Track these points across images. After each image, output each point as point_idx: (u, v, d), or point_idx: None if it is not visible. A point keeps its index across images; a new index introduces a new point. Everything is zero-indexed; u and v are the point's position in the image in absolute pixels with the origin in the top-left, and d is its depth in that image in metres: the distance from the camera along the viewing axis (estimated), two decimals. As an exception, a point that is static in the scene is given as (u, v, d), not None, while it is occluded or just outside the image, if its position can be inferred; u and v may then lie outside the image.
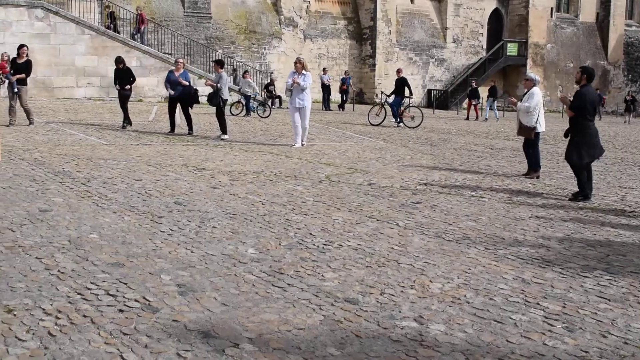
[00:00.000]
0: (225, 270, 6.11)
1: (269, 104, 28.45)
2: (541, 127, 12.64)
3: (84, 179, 10.05)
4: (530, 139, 12.64)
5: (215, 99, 16.92)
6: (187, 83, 17.31)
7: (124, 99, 17.87)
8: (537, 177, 12.63)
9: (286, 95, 16.32)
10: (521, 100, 12.80)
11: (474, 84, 34.57)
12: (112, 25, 29.17)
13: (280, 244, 7.08)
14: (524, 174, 12.91)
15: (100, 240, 6.89)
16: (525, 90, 12.79)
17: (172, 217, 7.99)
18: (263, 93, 31.42)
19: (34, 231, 7.09)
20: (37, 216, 7.72)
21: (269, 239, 7.27)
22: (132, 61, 28.02)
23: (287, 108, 30.40)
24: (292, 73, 15.79)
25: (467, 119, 31.72)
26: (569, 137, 10.67)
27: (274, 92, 31.74)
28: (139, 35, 29.74)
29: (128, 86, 17.92)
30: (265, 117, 25.19)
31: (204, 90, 20.09)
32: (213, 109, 17.47)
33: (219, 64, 17.68)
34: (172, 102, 17.52)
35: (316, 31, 40.23)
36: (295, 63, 15.75)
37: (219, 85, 16.95)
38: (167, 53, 30.82)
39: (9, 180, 9.70)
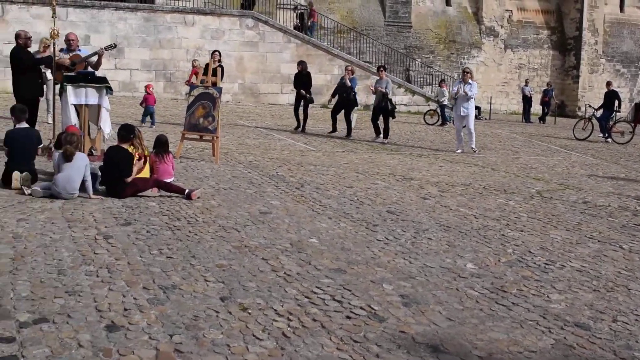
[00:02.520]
0: (446, 284, 6.04)
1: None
2: None
3: (297, 184, 10.35)
4: None
5: (384, 103, 17.17)
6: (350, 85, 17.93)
7: (304, 103, 18.50)
8: None
9: (450, 104, 17.81)
10: None
11: None
12: (299, 26, 29.95)
13: (499, 261, 6.90)
14: None
15: (320, 245, 7.04)
16: None
17: (387, 226, 8.02)
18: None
19: (257, 232, 7.37)
20: (259, 218, 8.02)
21: (487, 254, 7.11)
22: (334, 69, 28.72)
23: (485, 119, 30.06)
24: (459, 82, 16.60)
25: None
26: None
27: (472, 103, 31.25)
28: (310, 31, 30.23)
29: (304, 91, 18.42)
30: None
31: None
32: (412, 118, 17.50)
33: (384, 69, 18.12)
34: (338, 107, 18.37)
35: (517, 41, 39.20)
36: (465, 72, 16.56)
37: (386, 90, 17.24)
38: (367, 62, 31.22)
39: (228, 182, 10.18)
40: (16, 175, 8.70)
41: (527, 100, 32.54)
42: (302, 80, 18.56)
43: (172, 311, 4.96)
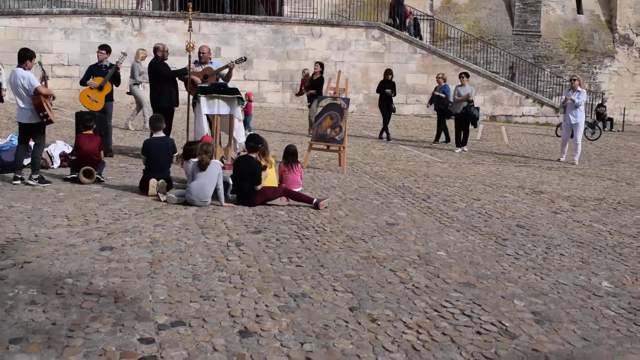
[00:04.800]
0: (580, 302, 5.84)
1: (599, 125, 27.02)
2: None
3: (424, 195, 10.28)
4: None
5: (469, 111, 17.05)
6: (443, 95, 18.16)
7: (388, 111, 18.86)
8: None
9: (560, 113, 18.18)
10: None
11: None
12: (413, 31, 29.70)
13: (637, 279, 6.61)
14: None
15: (448, 258, 6.96)
16: None
17: (517, 241, 7.84)
18: (593, 115, 29.99)
19: (385, 243, 7.37)
20: (385, 229, 8.02)
21: (624, 272, 6.82)
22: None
23: (618, 131, 28.94)
24: (568, 90, 16.43)
25: None
26: None
27: (604, 114, 30.21)
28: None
29: (389, 90, 18.70)
30: (593, 140, 23.99)
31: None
32: (540, 129, 17.07)
33: (467, 76, 18.01)
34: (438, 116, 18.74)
35: (654, 49, 37.51)
36: (574, 80, 16.27)
37: (471, 98, 17.27)
38: (494, 72, 30.67)
39: (355, 192, 10.23)
40: (152, 182, 9.09)
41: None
42: (388, 87, 18.86)
43: (302, 319, 5.04)
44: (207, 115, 11.52)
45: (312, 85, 17.80)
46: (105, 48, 12.65)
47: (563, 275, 6.62)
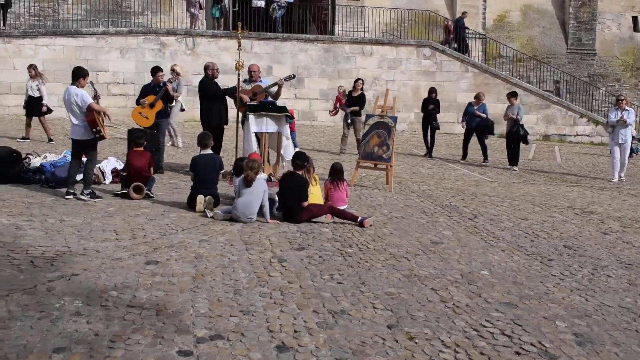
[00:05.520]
0: (624, 325, 5.75)
1: (656, 146, 26.46)
2: None
3: (470, 214, 10.22)
4: None
5: (516, 129, 16.93)
6: (485, 115, 17.94)
7: (431, 129, 18.71)
8: None
9: (607, 132, 17.98)
10: None
11: None
12: (457, 46, 29.56)
13: (685, 302, 6.47)
14: None
15: (492, 277, 6.91)
16: None
17: (563, 261, 7.74)
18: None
19: (428, 262, 7.35)
20: (429, 247, 8.00)
21: (672, 295, 6.69)
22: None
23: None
24: (614, 109, 16.41)
25: None
26: None
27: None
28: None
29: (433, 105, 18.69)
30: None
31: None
32: (594, 149, 16.80)
33: (514, 95, 17.74)
34: (468, 133, 18.43)
35: None
36: (622, 100, 16.23)
37: (518, 117, 17.02)
38: (547, 90, 30.33)
39: (401, 211, 10.22)
40: (200, 198, 9.23)
41: None
42: (432, 104, 18.77)
43: (340, 336, 5.06)
44: (255, 133, 11.67)
45: (353, 102, 17.84)
46: (161, 70, 13.01)
47: (608, 297, 6.51)
